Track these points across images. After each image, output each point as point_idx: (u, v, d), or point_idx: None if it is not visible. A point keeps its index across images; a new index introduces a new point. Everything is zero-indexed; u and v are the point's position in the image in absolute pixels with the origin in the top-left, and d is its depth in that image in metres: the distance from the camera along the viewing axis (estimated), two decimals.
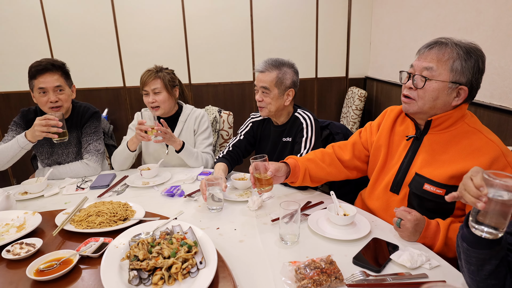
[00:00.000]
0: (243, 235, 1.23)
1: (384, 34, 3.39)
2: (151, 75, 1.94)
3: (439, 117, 1.20)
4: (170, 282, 0.91)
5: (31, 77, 1.80)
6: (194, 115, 2.09)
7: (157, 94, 1.95)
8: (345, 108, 3.69)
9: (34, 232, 1.23)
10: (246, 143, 1.92)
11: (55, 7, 3.25)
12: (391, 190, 1.33)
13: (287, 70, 1.71)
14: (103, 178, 1.79)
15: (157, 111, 1.97)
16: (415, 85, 1.19)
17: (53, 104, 1.80)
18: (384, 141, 1.39)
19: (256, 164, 1.32)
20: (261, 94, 1.72)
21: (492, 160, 1.10)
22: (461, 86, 1.14)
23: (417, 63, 1.19)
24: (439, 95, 1.16)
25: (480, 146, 1.14)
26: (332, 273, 0.95)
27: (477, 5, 2.15)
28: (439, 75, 1.14)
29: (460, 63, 1.12)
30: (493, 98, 2.06)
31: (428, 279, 0.97)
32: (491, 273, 0.83)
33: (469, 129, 1.19)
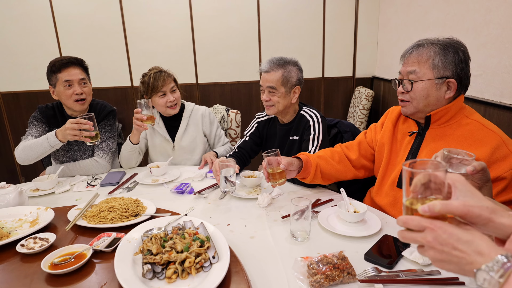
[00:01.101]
0: (253, 231, 1.24)
1: (391, 34, 3.38)
2: (167, 76, 1.94)
3: (437, 112, 1.24)
4: (184, 276, 0.92)
5: (55, 71, 1.84)
6: (199, 112, 2.11)
7: (174, 92, 1.98)
8: (352, 108, 3.69)
9: (47, 227, 1.25)
10: (252, 143, 1.94)
11: (64, 7, 3.28)
12: (398, 186, 1.35)
13: (291, 68, 1.73)
14: (113, 176, 1.81)
15: (175, 109, 2.01)
16: (405, 89, 1.26)
17: (79, 96, 1.85)
18: (388, 138, 1.42)
19: (268, 159, 1.33)
20: (268, 94, 1.73)
21: (493, 149, 1.12)
22: (448, 79, 1.19)
23: (402, 69, 1.27)
24: (429, 93, 1.21)
25: (481, 136, 1.17)
26: (344, 269, 0.95)
27: (486, 4, 2.14)
28: (423, 75, 1.20)
29: (440, 59, 1.18)
30: (503, 97, 2.04)
31: (440, 276, 0.97)
32: None
33: (469, 121, 1.22)
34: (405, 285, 0.93)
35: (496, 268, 0.53)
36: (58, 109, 1.97)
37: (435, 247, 0.59)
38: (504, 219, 0.60)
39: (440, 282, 0.94)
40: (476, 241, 0.57)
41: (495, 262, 0.53)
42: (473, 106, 2.27)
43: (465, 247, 0.57)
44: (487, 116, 2.16)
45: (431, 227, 0.59)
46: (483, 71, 2.19)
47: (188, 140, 2.07)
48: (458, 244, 0.57)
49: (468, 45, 2.37)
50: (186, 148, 2.07)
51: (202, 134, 2.12)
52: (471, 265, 0.56)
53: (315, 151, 1.70)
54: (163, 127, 2.08)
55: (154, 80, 1.91)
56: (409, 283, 0.94)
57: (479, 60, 2.22)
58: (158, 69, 1.97)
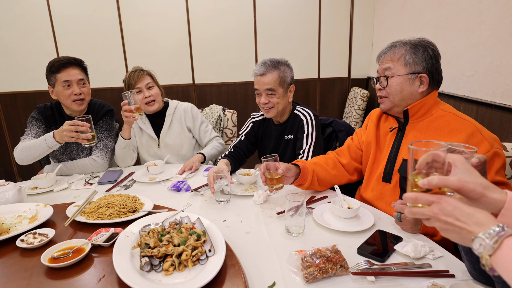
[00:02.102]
0: (249, 227, 1.26)
1: (386, 35, 3.42)
2: (139, 73, 1.99)
3: (414, 105, 1.32)
4: (181, 268, 0.94)
5: (54, 72, 1.86)
6: (182, 107, 2.15)
7: (150, 88, 2.01)
8: (347, 108, 3.72)
9: (46, 224, 1.26)
10: (248, 143, 1.97)
11: (62, 8, 3.30)
12: (383, 180, 1.42)
13: (285, 68, 1.77)
14: (110, 174, 1.83)
15: (153, 105, 2.03)
16: (382, 86, 1.36)
17: (77, 96, 1.88)
18: (372, 137, 1.51)
19: (267, 164, 1.35)
20: (266, 97, 1.76)
21: (468, 136, 1.20)
22: (420, 74, 1.29)
23: (379, 68, 1.38)
24: (403, 87, 1.31)
25: (456, 126, 1.25)
26: (337, 262, 0.98)
27: (478, 5, 2.18)
28: (397, 71, 1.31)
29: (410, 56, 1.29)
30: (495, 96, 2.08)
31: (431, 269, 0.99)
32: None
33: (444, 114, 1.30)
34: (396, 277, 0.96)
35: (492, 235, 0.61)
36: (57, 109, 1.99)
37: (440, 218, 0.67)
38: (495, 195, 0.67)
39: (430, 274, 0.96)
40: (476, 214, 0.65)
41: (492, 230, 0.61)
42: (466, 106, 2.31)
43: (467, 218, 0.65)
44: (480, 116, 2.20)
45: (438, 201, 0.68)
46: (476, 72, 2.23)
47: (173, 137, 2.10)
48: (461, 216, 0.65)
49: (461, 46, 2.43)
50: (172, 145, 2.10)
51: (187, 130, 2.15)
52: (471, 234, 0.64)
53: (309, 149, 1.73)
54: (148, 125, 2.11)
55: (129, 78, 1.99)
56: (400, 275, 0.96)
57: (472, 61, 2.27)
58: (135, 68, 2.03)
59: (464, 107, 2.32)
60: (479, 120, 2.17)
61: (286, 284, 0.94)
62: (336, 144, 1.98)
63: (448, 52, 2.49)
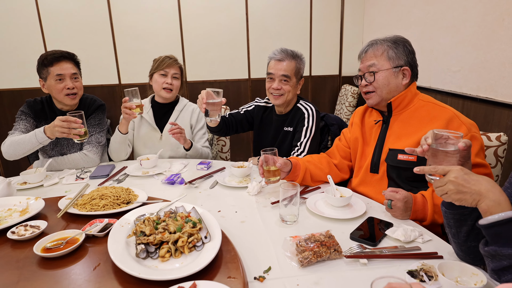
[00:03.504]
0: (244, 216, 1.27)
1: (376, 34, 3.48)
2: (175, 62, 2.06)
3: (396, 98, 1.39)
4: (177, 255, 0.94)
5: (47, 65, 1.84)
6: (191, 107, 2.18)
7: (175, 79, 2.06)
8: (338, 105, 3.77)
9: (37, 216, 1.25)
10: (243, 118, 2.01)
11: (50, 3, 3.26)
12: (371, 171, 1.47)
13: (300, 61, 1.82)
14: (102, 169, 1.82)
15: (169, 93, 2.07)
16: (368, 81, 1.41)
17: (70, 90, 1.86)
18: (358, 132, 1.57)
19: (265, 156, 1.37)
20: (279, 83, 1.78)
21: (447, 122, 1.28)
22: (403, 67, 1.37)
23: (362, 65, 1.44)
24: (389, 81, 1.38)
25: (436, 114, 1.33)
26: (331, 246, 1.00)
27: (463, 3, 2.24)
28: (382, 66, 1.38)
29: (392, 51, 1.37)
30: (480, 90, 2.14)
31: (421, 251, 1.02)
32: (469, 234, 0.91)
33: (424, 104, 1.38)
34: (388, 259, 0.98)
35: None
36: (47, 103, 1.96)
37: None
38: None
39: (420, 256, 0.99)
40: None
41: None
42: (452, 100, 2.37)
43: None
44: (465, 109, 2.26)
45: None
46: (461, 67, 2.29)
47: None
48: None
49: (447, 42, 2.49)
50: (172, 141, 2.08)
51: (190, 129, 2.15)
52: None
53: (307, 142, 1.76)
54: (151, 115, 2.11)
55: (163, 60, 2.04)
56: (391, 257, 0.99)
57: (458, 57, 2.32)
58: (171, 55, 2.09)
59: (451, 102, 2.38)
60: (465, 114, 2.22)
61: (282, 269, 0.95)
62: (328, 137, 2.01)
63: (435, 49, 2.55)
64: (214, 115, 1.60)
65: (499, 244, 0.76)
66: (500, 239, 0.75)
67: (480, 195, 0.79)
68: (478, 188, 0.80)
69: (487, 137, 1.54)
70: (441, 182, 0.86)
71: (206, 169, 1.79)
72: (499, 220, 0.75)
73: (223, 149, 2.52)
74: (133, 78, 3.54)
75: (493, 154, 1.53)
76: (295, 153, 1.76)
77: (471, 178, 0.82)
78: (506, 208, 0.76)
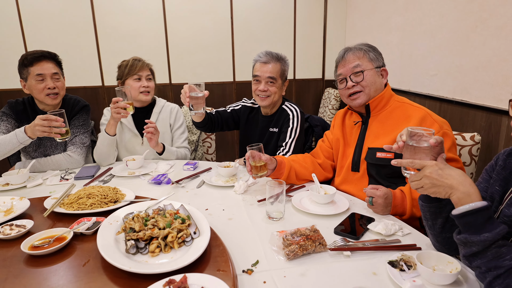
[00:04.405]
0: (231, 214, 1.30)
1: (357, 38, 3.58)
2: (144, 64, 2.02)
3: (374, 99, 1.46)
4: (167, 250, 0.96)
5: (27, 65, 1.81)
6: (169, 107, 2.15)
7: (149, 80, 2.04)
8: (322, 108, 3.84)
9: (23, 216, 1.23)
10: (229, 116, 2.05)
11: (31, 3, 3.20)
12: (353, 170, 1.53)
13: (285, 63, 1.87)
14: (87, 170, 1.80)
15: (147, 96, 2.04)
16: (356, 81, 1.45)
17: (51, 90, 1.83)
18: (339, 133, 1.64)
19: (252, 152, 1.41)
20: (265, 84, 1.83)
21: (421, 120, 1.36)
22: (382, 68, 1.47)
23: (344, 69, 1.48)
24: (375, 79, 1.45)
25: (410, 113, 1.41)
26: (316, 239, 1.03)
27: (440, 10, 2.35)
28: (366, 66, 1.45)
29: (372, 53, 1.46)
30: (455, 93, 2.24)
31: (401, 243, 1.07)
32: (444, 226, 0.97)
33: (399, 104, 1.47)
34: (370, 251, 1.03)
35: None
36: (29, 104, 1.94)
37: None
38: None
39: (400, 248, 1.04)
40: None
41: None
42: (430, 103, 2.47)
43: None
44: (442, 111, 2.36)
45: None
46: (438, 71, 2.40)
47: None
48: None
49: (425, 47, 2.59)
50: None
51: (170, 130, 2.14)
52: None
53: (291, 143, 1.80)
54: (131, 121, 2.08)
55: (131, 64, 1.99)
56: (373, 249, 1.04)
57: (435, 61, 2.43)
58: (137, 58, 2.05)
59: (429, 104, 2.48)
60: (442, 115, 2.33)
61: (269, 262, 0.99)
62: (312, 138, 2.06)
63: (414, 54, 2.65)
64: (198, 108, 1.64)
65: (469, 232, 0.81)
66: (470, 228, 0.81)
67: (452, 188, 0.85)
68: (450, 182, 0.86)
69: (462, 137, 1.62)
70: (416, 177, 0.92)
71: (193, 170, 1.80)
72: (469, 210, 0.81)
73: (209, 150, 2.54)
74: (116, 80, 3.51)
75: (468, 153, 1.61)
76: (280, 153, 1.80)
77: (444, 173, 0.88)
78: (476, 199, 0.82)
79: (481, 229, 0.79)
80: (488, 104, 2.02)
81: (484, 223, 0.80)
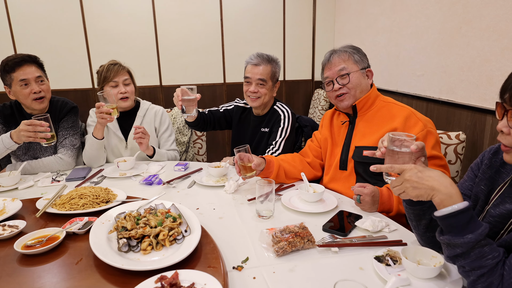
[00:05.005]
0: (222, 213, 1.32)
1: (346, 40, 3.63)
2: (120, 67, 1.98)
3: (361, 100, 1.50)
4: (158, 248, 0.98)
5: (9, 71, 1.79)
6: (153, 110, 2.13)
7: (127, 85, 2.00)
8: (311, 109, 3.89)
9: (15, 217, 1.24)
10: (222, 116, 2.08)
11: (21, 6, 3.18)
12: (340, 168, 1.57)
13: (276, 65, 1.91)
14: (78, 171, 1.81)
15: (127, 101, 2.01)
16: (342, 83, 1.49)
17: (37, 95, 1.81)
18: (327, 133, 1.67)
19: (240, 154, 1.44)
20: (256, 86, 1.86)
21: (405, 119, 1.40)
22: (367, 69, 1.51)
23: (330, 72, 1.52)
24: (361, 81, 1.50)
25: (395, 112, 1.46)
26: (305, 236, 1.06)
27: (425, 11, 2.41)
28: (351, 68, 1.49)
29: (356, 55, 1.50)
30: (442, 93, 2.30)
31: (387, 239, 1.11)
32: (427, 227, 1.00)
33: (385, 104, 1.52)
34: (357, 247, 1.06)
35: None
36: (17, 108, 1.92)
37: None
38: None
39: (386, 243, 1.08)
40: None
41: None
42: (417, 103, 2.52)
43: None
44: (429, 111, 2.42)
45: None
46: (425, 72, 2.45)
47: None
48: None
49: (412, 48, 2.65)
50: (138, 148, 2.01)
51: (155, 134, 2.13)
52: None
53: (281, 142, 1.84)
54: (116, 125, 2.06)
55: (107, 70, 1.95)
56: (360, 245, 1.07)
57: (421, 62, 2.49)
58: (114, 61, 2.01)
59: (416, 104, 2.54)
60: (429, 115, 2.39)
61: (259, 259, 1.01)
62: (302, 138, 2.09)
63: (401, 55, 2.71)
64: (190, 111, 1.67)
65: (452, 233, 0.82)
66: (453, 229, 0.82)
67: (433, 189, 0.85)
68: (431, 183, 0.85)
69: (447, 135, 1.67)
70: (397, 182, 0.92)
71: (184, 170, 1.82)
72: (452, 212, 0.81)
73: (200, 151, 2.55)
74: None
75: (453, 151, 1.66)
76: (270, 151, 1.83)
77: (425, 175, 0.87)
78: (458, 200, 0.82)
79: (464, 230, 0.80)
80: (473, 104, 2.08)
81: (466, 224, 0.80)
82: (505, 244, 0.83)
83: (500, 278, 0.77)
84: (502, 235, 0.88)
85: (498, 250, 0.79)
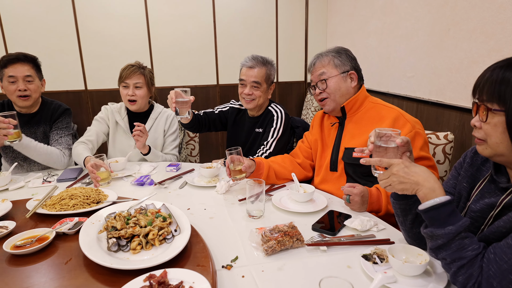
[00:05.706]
0: (212, 213, 1.33)
1: (338, 41, 3.67)
2: (136, 70, 2.01)
3: (349, 102, 1.52)
4: (148, 247, 0.99)
5: (2, 67, 1.83)
6: (166, 114, 2.18)
7: (137, 88, 2.02)
8: (304, 110, 3.91)
9: (5, 218, 1.24)
10: (217, 118, 2.09)
11: (12, 7, 3.17)
12: (331, 169, 1.59)
13: (271, 67, 1.92)
14: (70, 172, 1.81)
15: (133, 105, 2.04)
16: (321, 89, 1.53)
17: (22, 93, 1.83)
18: (318, 134, 1.69)
19: (231, 157, 1.45)
20: (250, 88, 1.87)
21: (394, 120, 1.42)
22: (350, 72, 1.52)
23: (313, 77, 1.58)
24: (340, 85, 1.51)
25: (383, 114, 1.48)
26: (294, 235, 1.08)
27: (415, 14, 2.44)
28: (330, 73, 1.51)
29: (337, 59, 1.52)
30: (431, 94, 2.33)
31: (375, 238, 1.13)
32: (414, 222, 1.02)
33: (374, 105, 1.53)
34: (345, 246, 1.08)
35: None
36: (8, 105, 1.94)
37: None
38: None
39: (374, 242, 1.09)
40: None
41: None
42: (408, 104, 2.55)
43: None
44: (419, 112, 2.45)
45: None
46: (415, 73, 2.49)
47: (150, 141, 2.09)
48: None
49: (402, 50, 2.68)
50: None
51: (163, 136, 2.15)
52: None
53: (273, 142, 1.85)
54: (127, 123, 2.09)
55: (123, 70, 2.02)
56: (348, 244, 1.08)
57: (411, 63, 2.52)
58: (134, 63, 2.06)
59: (407, 105, 2.57)
60: (419, 116, 2.42)
61: (248, 258, 1.02)
62: (293, 139, 2.11)
63: (392, 56, 2.74)
64: (183, 113, 1.69)
65: (435, 225, 0.87)
66: (435, 221, 0.86)
67: (418, 184, 0.90)
68: (416, 178, 0.90)
69: (436, 136, 1.70)
70: (385, 176, 0.97)
71: (176, 171, 1.82)
72: (434, 204, 0.86)
73: (192, 152, 2.56)
74: (100, 84, 3.50)
75: (442, 151, 1.69)
76: (260, 151, 1.85)
77: (411, 170, 0.92)
78: (440, 194, 0.87)
79: (445, 222, 0.84)
80: (462, 105, 2.11)
81: (448, 217, 0.84)
82: (485, 238, 0.87)
83: (479, 270, 0.80)
84: (482, 230, 0.91)
85: (479, 243, 0.83)
